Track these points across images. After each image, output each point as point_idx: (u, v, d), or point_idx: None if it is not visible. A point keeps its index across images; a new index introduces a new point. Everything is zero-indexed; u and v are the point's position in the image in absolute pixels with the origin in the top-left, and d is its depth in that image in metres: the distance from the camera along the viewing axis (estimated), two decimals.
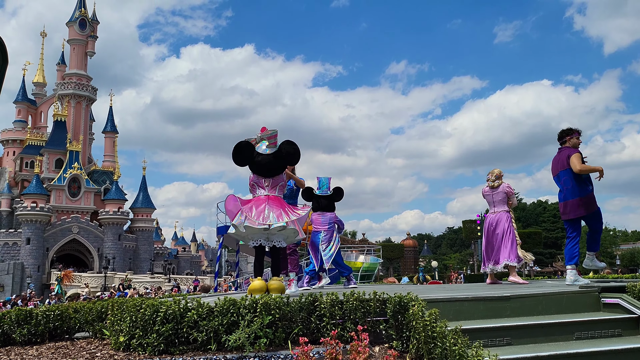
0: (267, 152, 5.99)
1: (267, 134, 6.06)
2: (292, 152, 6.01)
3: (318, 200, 8.32)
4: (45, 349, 5.32)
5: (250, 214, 5.78)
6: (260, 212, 5.78)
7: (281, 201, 6.10)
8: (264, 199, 5.94)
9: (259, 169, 6.00)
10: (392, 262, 55.62)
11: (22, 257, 59.59)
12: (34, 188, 61.45)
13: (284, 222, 5.75)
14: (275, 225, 5.76)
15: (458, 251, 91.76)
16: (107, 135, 74.31)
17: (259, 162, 5.97)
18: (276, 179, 6.06)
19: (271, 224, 5.75)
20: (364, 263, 29.76)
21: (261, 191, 6.05)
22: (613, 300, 5.08)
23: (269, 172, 6.01)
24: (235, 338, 4.30)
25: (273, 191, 6.06)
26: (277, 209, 5.85)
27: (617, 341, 4.58)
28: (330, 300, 4.64)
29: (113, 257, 60.61)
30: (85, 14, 70.06)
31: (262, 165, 5.97)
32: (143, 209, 71.14)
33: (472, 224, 43.79)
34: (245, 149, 6.00)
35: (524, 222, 75.59)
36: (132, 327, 4.72)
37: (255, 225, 5.76)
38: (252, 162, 6.01)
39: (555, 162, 7.04)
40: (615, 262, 56.43)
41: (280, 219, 5.75)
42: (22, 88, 73.57)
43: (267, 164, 5.97)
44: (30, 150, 68.02)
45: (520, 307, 5.02)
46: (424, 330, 3.88)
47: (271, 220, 5.74)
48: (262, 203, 5.89)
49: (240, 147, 5.99)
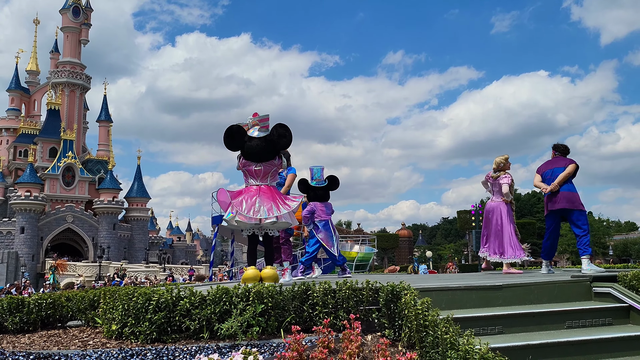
0: (259, 136, 5.95)
1: (259, 118, 6.03)
2: (283, 134, 5.92)
3: (315, 191, 8.30)
4: (38, 337, 5.31)
5: (241, 208, 5.74)
6: (250, 205, 5.74)
7: (272, 191, 6.02)
8: (255, 191, 5.89)
9: (250, 153, 5.93)
10: (387, 252, 55.81)
11: (17, 246, 59.44)
12: (28, 177, 61.15)
13: (274, 218, 5.74)
14: (267, 221, 5.76)
15: (453, 241, 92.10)
16: (102, 125, 73.90)
17: (251, 145, 5.90)
18: (268, 165, 5.99)
19: (262, 218, 5.74)
20: (358, 253, 29.87)
21: (252, 181, 6.01)
22: (604, 289, 5.11)
23: (260, 156, 5.93)
24: (227, 326, 4.30)
25: (265, 180, 6.01)
26: (268, 202, 5.80)
27: (607, 330, 4.61)
28: (323, 289, 4.64)
29: (108, 247, 60.51)
30: (78, 2, 69.35)
31: (253, 148, 5.91)
32: (138, 198, 70.96)
33: (466, 214, 43.97)
34: (237, 133, 5.94)
35: (518, 212, 75.55)
36: (124, 315, 4.71)
37: (246, 220, 5.77)
38: (244, 146, 5.95)
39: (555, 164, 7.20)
40: (608, 252, 56.85)
41: (271, 213, 5.72)
42: (15, 76, 73.01)
43: (257, 147, 5.90)
44: (23, 139, 67.61)
45: (512, 296, 5.04)
46: (415, 319, 3.89)
47: (262, 214, 5.72)
48: (253, 195, 5.83)
49: (231, 131, 5.91)
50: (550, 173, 7.13)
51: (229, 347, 4.15)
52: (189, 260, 78.12)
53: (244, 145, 5.93)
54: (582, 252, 6.68)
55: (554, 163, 7.23)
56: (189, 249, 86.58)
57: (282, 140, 5.96)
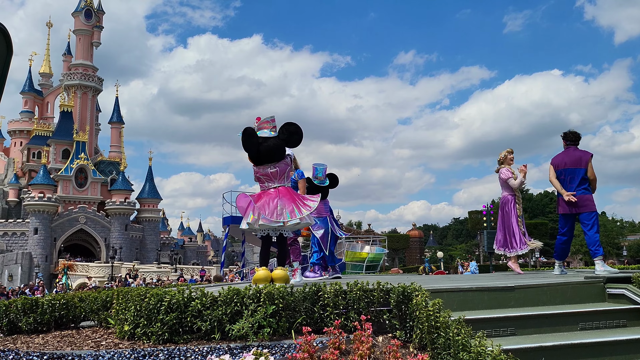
0: (272, 135, 6.00)
1: (264, 120, 6.08)
2: (293, 130, 6.01)
3: (317, 190, 8.35)
4: (51, 337, 5.36)
5: (264, 211, 5.83)
6: (273, 208, 5.84)
7: (291, 193, 6.12)
8: (275, 194, 5.96)
9: (266, 154, 5.98)
10: (398, 253, 55.61)
11: (30, 247, 60.01)
12: (41, 178, 61.73)
13: (297, 219, 5.85)
14: (290, 223, 5.86)
15: (464, 242, 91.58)
16: (113, 126, 74.48)
17: (267, 145, 5.96)
18: (283, 165, 6.05)
19: (285, 221, 5.84)
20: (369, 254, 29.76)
21: (269, 184, 6.06)
22: (618, 290, 5.06)
23: (275, 155, 6.00)
24: (239, 327, 4.31)
25: (281, 181, 6.09)
26: (290, 204, 5.90)
27: (621, 332, 4.56)
28: (334, 290, 4.63)
29: (120, 247, 60.92)
30: (90, 4, 69.91)
31: (270, 147, 5.96)
32: (149, 199, 71.37)
33: (478, 214, 43.58)
34: (253, 135, 6.01)
35: (530, 212, 75.20)
36: (136, 316, 4.75)
37: (269, 223, 5.85)
38: (259, 148, 6.00)
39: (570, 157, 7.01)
40: (622, 252, 56.18)
41: (293, 215, 5.83)
42: (28, 79, 73.74)
43: (275, 145, 5.97)
44: (37, 141, 68.25)
45: (524, 298, 5.00)
46: (427, 320, 3.87)
47: (285, 217, 5.83)
48: (274, 198, 5.91)
49: (251, 132, 6.00)
50: (565, 173, 6.94)
51: (240, 348, 4.16)
52: (200, 260, 78.44)
53: (260, 147, 5.97)
54: (594, 254, 6.60)
55: (569, 156, 7.00)
56: (200, 249, 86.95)
57: (294, 137, 6.05)
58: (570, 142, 7.14)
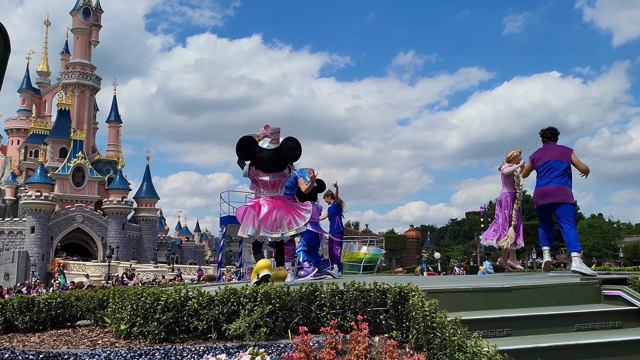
0: (270, 148, 6.12)
1: (270, 130, 6.20)
2: (293, 147, 6.20)
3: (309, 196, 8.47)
4: (47, 336, 5.36)
5: (265, 224, 6.03)
6: (272, 222, 6.06)
7: (287, 203, 6.36)
8: (272, 205, 6.14)
9: (261, 163, 6.17)
10: (395, 254, 55.65)
11: (27, 246, 59.90)
12: (39, 177, 61.61)
13: (294, 231, 6.17)
14: (288, 234, 6.17)
15: (461, 243, 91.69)
16: (111, 125, 74.37)
17: (262, 157, 6.14)
18: (279, 176, 6.22)
19: (284, 232, 6.11)
20: (366, 254, 29.77)
21: (264, 190, 6.19)
22: (614, 292, 5.07)
23: (271, 167, 6.19)
24: (235, 327, 4.31)
25: (276, 190, 6.28)
26: (287, 215, 6.15)
27: (617, 333, 4.57)
28: (331, 290, 4.64)
29: (117, 247, 60.83)
30: (89, 3, 69.80)
31: (264, 160, 6.14)
32: (147, 198, 71.27)
33: (475, 215, 43.71)
34: (249, 144, 6.16)
35: (527, 214, 75.18)
36: (133, 315, 4.74)
37: (270, 234, 6.09)
38: (255, 157, 6.17)
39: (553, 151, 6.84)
40: (619, 254, 56.33)
41: (291, 227, 6.12)
42: (26, 77, 73.61)
43: (268, 158, 6.14)
44: (34, 139, 68.12)
45: (520, 298, 5.01)
46: (423, 321, 3.88)
47: (284, 229, 6.10)
48: (272, 210, 6.10)
49: (244, 142, 6.17)
50: (545, 165, 6.73)
51: (237, 348, 4.16)
52: (197, 260, 78.36)
53: (255, 155, 6.15)
54: (572, 249, 6.31)
55: (550, 150, 6.83)
56: (197, 249, 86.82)
57: (292, 153, 6.24)
58: (548, 138, 7.02)
